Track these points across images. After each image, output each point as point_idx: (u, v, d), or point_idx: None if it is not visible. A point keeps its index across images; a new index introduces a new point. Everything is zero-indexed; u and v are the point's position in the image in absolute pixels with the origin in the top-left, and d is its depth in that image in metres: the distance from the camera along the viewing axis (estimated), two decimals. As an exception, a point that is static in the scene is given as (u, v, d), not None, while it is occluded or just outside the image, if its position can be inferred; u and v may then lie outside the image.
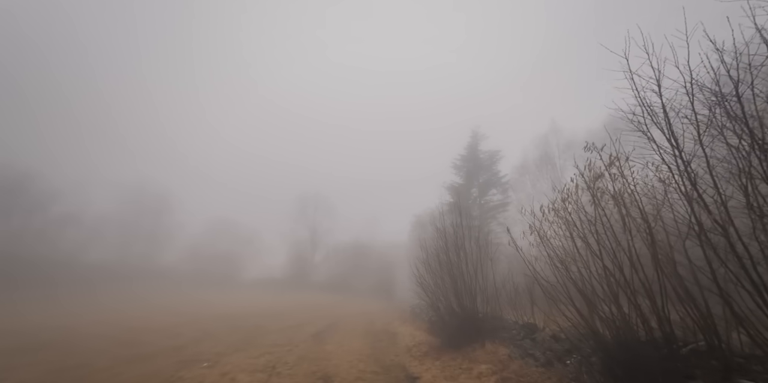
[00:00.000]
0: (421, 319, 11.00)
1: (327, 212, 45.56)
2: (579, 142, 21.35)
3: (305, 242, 43.62)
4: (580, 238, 3.56)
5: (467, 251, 6.65)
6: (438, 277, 6.97)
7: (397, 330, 9.86)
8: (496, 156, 24.47)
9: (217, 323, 11.53)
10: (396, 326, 10.82)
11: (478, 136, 26.64)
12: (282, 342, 8.36)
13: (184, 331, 9.83)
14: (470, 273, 6.56)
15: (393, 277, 35.87)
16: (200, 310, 15.18)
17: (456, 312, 6.59)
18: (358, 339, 8.27)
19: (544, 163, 21.58)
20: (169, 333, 9.40)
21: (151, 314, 13.54)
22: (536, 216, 4.21)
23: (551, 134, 21.69)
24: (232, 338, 9.03)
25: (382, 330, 10.06)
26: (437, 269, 7.28)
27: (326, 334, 9.57)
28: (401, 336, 8.45)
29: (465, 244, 6.88)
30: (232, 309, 16.53)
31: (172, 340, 8.54)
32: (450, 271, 6.88)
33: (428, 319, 10.09)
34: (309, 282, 38.59)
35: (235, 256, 43.75)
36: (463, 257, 6.41)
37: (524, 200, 24.15)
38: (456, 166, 26.50)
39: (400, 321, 11.95)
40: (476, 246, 6.76)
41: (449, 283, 6.97)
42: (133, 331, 9.61)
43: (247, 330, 10.28)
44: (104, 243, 30.90)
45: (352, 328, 10.51)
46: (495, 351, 4.91)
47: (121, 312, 14.04)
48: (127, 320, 11.74)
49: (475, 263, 6.59)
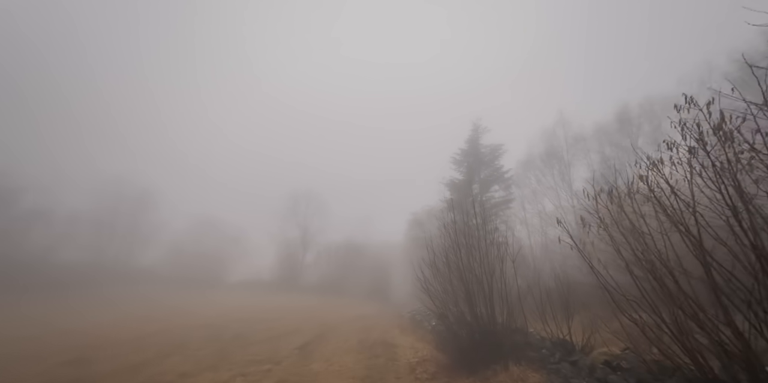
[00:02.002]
0: (424, 328, 10.09)
1: (319, 211, 44.43)
2: (588, 135, 20.73)
3: (295, 242, 42.47)
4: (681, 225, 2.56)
5: (482, 250, 5.74)
6: (446, 281, 6.04)
7: (397, 341, 8.93)
8: (499, 150, 23.61)
9: (193, 332, 10.49)
10: (395, 335, 9.90)
11: (480, 129, 25.78)
12: (262, 357, 7.38)
13: (152, 343, 8.79)
14: (486, 276, 5.65)
15: (388, 279, 35.03)
16: (177, 317, 14.09)
17: (469, 323, 5.67)
18: (351, 354, 7.32)
19: (551, 157, 20.81)
20: (133, 347, 8.34)
21: (121, 321, 12.42)
22: (614, 197, 3.19)
23: (559, 126, 20.97)
24: (206, 351, 8.02)
25: (379, 340, 9.13)
26: (445, 271, 6.36)
27: (315, 346, 8.61)
28: (402, 350, 7.53)
29: (478, 243, 5.98)
30: (213, 314, 15.46)
31: (134, 355, 7.50)
32: (461, 274, 5.96)
33: (432, 328, 9.20)
34: (299, 284, 37.50)
35: (220, 257, 42.47)
36: (477, 258, 5.50)
37: (529, 197, 23.41)
38: (456, 161, 25.62)
39: (398, 330, 11.03)
40: (493, 245, 5.86)
41: (460, 288, 6.06)
42: (91, 344, 8.52)
43: (225, 340, 9.27)
44: (77, 243, 29.42)
45: (345, 339, 9.55)
46: (523, 377, 4.00)
47: (89, 319, 12.89)
48: (92, 329, 10.63)
49: (492, 264, 5.68)
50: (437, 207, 30.02)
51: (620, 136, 17.57)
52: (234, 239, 45.04)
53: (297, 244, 42.35)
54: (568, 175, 19.65)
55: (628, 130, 17.26)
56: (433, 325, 9.23)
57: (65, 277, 22.20)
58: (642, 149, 16.04)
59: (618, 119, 17.69)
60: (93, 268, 27.34)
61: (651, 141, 17.29)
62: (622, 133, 17.50)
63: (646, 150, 14.79)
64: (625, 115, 17.58)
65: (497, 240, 6.24)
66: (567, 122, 21.01)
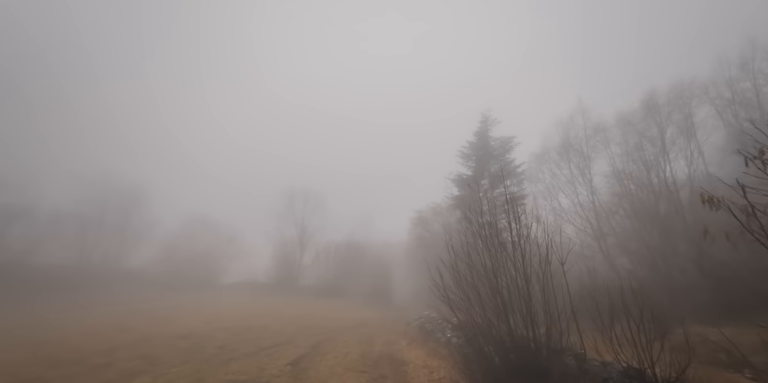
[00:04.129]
0: (436, 340, 8.98)
1: (317, 209, 43.21)
2: (609, 125, 19.49)
3: (293, 242, 41.28)
4: None
5: (517, 250, 4.65)
6: (471, 288, 4.95)
7: (405, 355, 7.85)
8: (510, 143, 22.44)
9: (172, 343, 9.42)
10: (402, 348, 8.82)
11: (489, 121, 24.63)
12: (246, 377, 6.34)
13: (121, 358, 7.73)
14: (520, 281, 4.58)
15: (390, 281, 33.99)
16: (157, 324, 13.02)
17: (503, 343, 4.58)
18: (353, 375, 6.25)
19: (567, 149, 19.62)
20: (96, 363, 7.28)
21: (93, 330, 11.35)
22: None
23: (578, 115, 19.73)
24: (181, 369, 6.97)
25: (384, 354, 8.05)
26: (467, 276, 5.27)
27: (309, 362, 7.55)
28: (413, 369, 6.44)
29: (512, 240, 4.90)
30: (199, 321, 14.39)
31: (93, 376, 6.46)
32: (490, 280, 4.88)
33: (446, 340, 8.10)
34: (296, 286, 36.43)
35: (214, 257, 41.42)
36: (517, 260, 4.41)
37: (543, 193, 22.29)
38: (464, 154, 24.49)
39: (405, 340, 9.94)
40: (530, 243, 4.78)
41: (487, 295, 4.98)
42: (48, 361, 7.45)
43: (207, 354, 8.20)
44: (59, 243, 28.34)
45: (345, 352, 8.48)
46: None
47: (56, 329, 11.82)
48: (56, 341, 9.57)
49: (529, 266, 4.61)
50: (443, 204, 29.00)
51: (646, 125, 16.42)
52: (229, 238, 43.93)
53: (294, 244, 41.21)
54: (588, 168, 18.49)
55: (656, 119, 16.09)
56: (447, 337, 8.15)
57: (45, 280, 21.13)
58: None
59: (645, 106, 16.47)
60: (76, 270, 26.30)
61: (680, 132, 16.16)
62: (648, 122, 16.34)
63: (676, 141, 13.64)
64: (652, 102, 16.40)
65: (533, 238, 5.13)
66: (587, 108, 19.80)
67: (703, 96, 15.84)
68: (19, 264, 21.61)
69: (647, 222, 14.75)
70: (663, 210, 14.61)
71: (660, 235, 14.01)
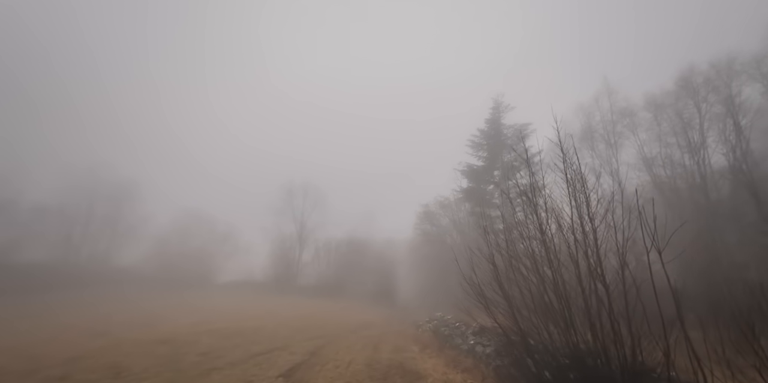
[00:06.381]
0: (456, 347, 7.83)
1: (317, 205, 42.10)
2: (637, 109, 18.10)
3: (291, 239, 40.23)
4: None
5: (588, 239, 3.56)
6: (521, 286, 3.83)
7: (419, 365, 6.76)
8: (525, 130, 21.15)
9: (148, 349, 8.36)
10: (414, 355, 7.72)
11: (501, 107, 23.43)
12: (227, 395, 5.28)
13: (84, 369, 6.67)
14: (593, 280, 3.47)
15: (394, 279, 32.95)
16: (135, 327, 12.00)
17: (556, 357, 3.47)
18: (359, 392, 5.17)
19: (589, 136, 18.27)
20: (49, 375, 6.22)
21: (62, 335, 10.32)
22: None
23: (603, 97, 18.31)
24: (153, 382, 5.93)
25: (394, 363, 6.96)
26: (508, 270, 4.16)
27: (305, 372, 6.50)
28: (433, 385, 5.36)
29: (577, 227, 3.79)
30: (186, 322, 13.37)
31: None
32: (543, 279, 3.79)
33: (469, 348, 6.98)
34: (295, 285, 35.45)
35: (209, 255, 40.50)
36: (590, 248, 3.28)
37: (560, 183, 21.07)
38: (474, 144, 23.31)
39: (417, 346, 8.84)
40: (608, 229, 3.68)
41: (538, 296, 3.88)
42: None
43: (186, 363, 7.14)
44: (44, 241, 27.36)
45: (348, 360, 7.41)
46: None
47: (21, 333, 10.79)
48: (17, 347, 8.54)
49: (604, 260, 3.50)
50: (452, 198, 27.81)
51: (683, 106, 15.09)
52: (224, 235, 43.01)
53: (293, 241, 40.14)
54: (615, 156, 17.13)
55: (694, 99, 14.73)
56: (470, 344, 7.03)
57: (23, 280, 20.17)
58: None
59: (681, 86, 15.05)
60: (63, 269, 25.36)
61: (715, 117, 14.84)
62: (684, 103, 15.00)
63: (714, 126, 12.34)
64: (688, 80, 15.03)
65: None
66: (613, 90, 18.39)
67: (754, 72, 14.40)
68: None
69: (686, 212, 13.47)
70: (707, 198, 13.30)
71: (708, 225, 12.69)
